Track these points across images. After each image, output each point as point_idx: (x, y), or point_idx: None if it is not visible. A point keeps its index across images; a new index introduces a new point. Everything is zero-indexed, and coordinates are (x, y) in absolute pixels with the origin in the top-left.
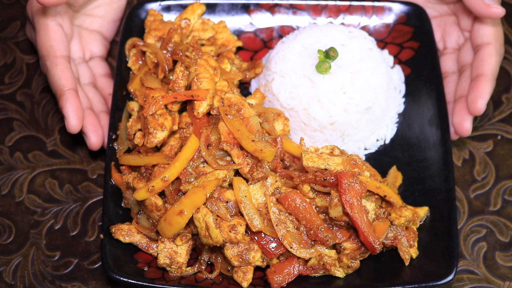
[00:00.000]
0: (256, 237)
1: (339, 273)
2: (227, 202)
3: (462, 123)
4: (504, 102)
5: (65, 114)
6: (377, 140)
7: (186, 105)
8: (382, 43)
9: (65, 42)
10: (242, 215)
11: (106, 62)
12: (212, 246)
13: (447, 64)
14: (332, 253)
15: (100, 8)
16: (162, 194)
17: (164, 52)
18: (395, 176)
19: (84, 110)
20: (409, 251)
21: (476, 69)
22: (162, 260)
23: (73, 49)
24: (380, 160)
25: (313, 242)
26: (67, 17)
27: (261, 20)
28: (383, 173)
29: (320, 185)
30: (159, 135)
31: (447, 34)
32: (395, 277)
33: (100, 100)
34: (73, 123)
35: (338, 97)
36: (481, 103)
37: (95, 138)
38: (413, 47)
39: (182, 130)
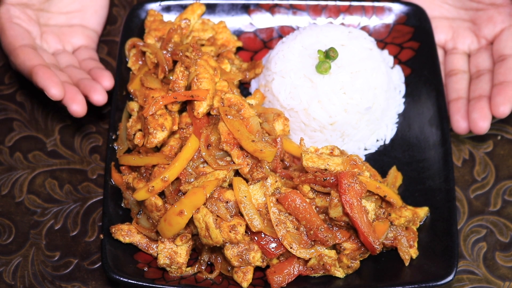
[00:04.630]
0: (256, 237)
1: (339, 273)
2: (227, 202)
3: (481, 119)
4: None
5: (42, 86)
6: (377, 140)
7: (186, 105)
8: (382, 43)
9: (24, 35)
10: (242, 215)
11: (93, 50)
12: (212, 246)
13: (458, 62)
14: (332, 253)
15: (75, 3)
16: (162, 194)
17: (164, 52)
18: (395, 176)
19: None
20: (409, 251)
21: (503, 76)
22: (162, 260)
23: (50, 44)
24: (380, 160)
25: (313, 242)
26: (25, 18)
27: (261, 20)
28: (383, 173)
29: (320, 185)
30: (159, 135)
31: (459, 36)
32: (395, 277)
33: (81, 75)
34: (53, 91)
35: (338, 97)
36: (504, 108)
37: (77, 106)
38: (413, 47)
39: (182, 130)
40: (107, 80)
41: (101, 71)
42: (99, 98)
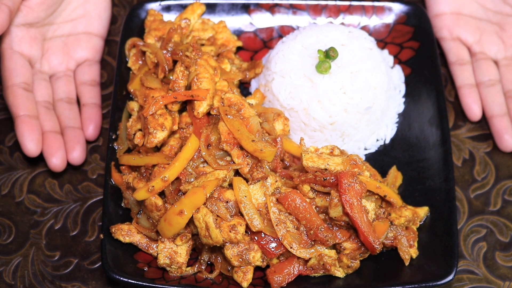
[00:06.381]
0: (256, 237)
1: (339, 273)
2: (227, 202)
3: (507, 140)
4: None
5: (19, 140)
6: (377, 140)
7: (186, 105)
8: (382, 43)
9: (20, 69)
10: (242, 215)
11: (96, 64)
12: (212, 246)
13: (492, 71)
14: (332, 253)
15: (78, 9)
16: (162, 194)
17: (164, 52)
18: (395, 176)
19: (44, 133)
20: (409, 251)
21: None
22: (162, 260)
23: (51, 63)
24: (380, 160)
25: (313, 242)
26: (28, 40)
27: (261, 20)
28: (383, 173)
29: (320, 185)
30: (159, 135)
31: (486, 40)
32: (395, 277)
33: (67, 116)
34: (29, 147)
35: (338, 97)
36: None
37: (56, 160)
38: (413, 47)
39: (182, 130)
40: (93, 129)
41: (90, 114)
42: (75, 157)
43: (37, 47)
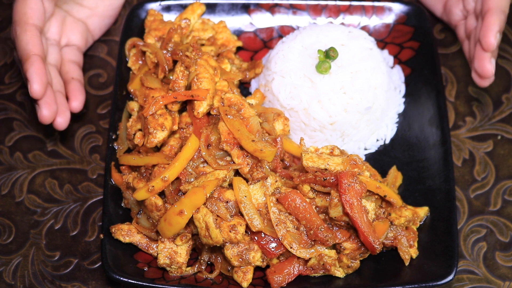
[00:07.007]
0: (256, 237)
1: (339, 273)
2: (227, 202)
3: (482, 64)
4: (504, 102)
5: (28, 78)
6: (377, 140)
7: (186, 105)
8: (382, 43)
9: (41, 14)
10: (242, 215)
11: (81, 53)
12: (212, 246)
13: (459, 32)
14: (332, 253)
15: (91, 1)
16: (162, 194)
17: (164, 52)
18: (395, 176)
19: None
20: (409, 251)
21: (483, 8)
22: (162, 260)
23: (50, 29)
24: (380, 160)
25: (313, 242)
26: None
27: (261, 20)
28: (383, 173)
29: (320, 185)
30: (159, 135)
31: (451, 12)
32: (395, 277)
33: (59, 82)
34: (36, 87)
35: (338, 97)
36: (490, 35)
37: (47, 111)
38: (413, 47)
39: (182, 130)
40: (78, 102)
41: (78, 87)
42: (61, 122)
43: (50, 8)
